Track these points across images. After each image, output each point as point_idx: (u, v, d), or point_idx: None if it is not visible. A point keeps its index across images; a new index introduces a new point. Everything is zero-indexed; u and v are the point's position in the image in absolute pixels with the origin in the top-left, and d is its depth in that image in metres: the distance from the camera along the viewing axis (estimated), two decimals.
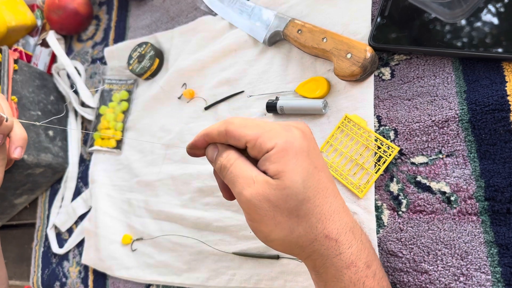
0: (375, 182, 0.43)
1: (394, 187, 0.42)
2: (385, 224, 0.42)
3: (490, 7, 0.40)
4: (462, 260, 0.37)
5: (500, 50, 0.38)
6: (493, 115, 0.38)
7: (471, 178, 0.38)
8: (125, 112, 0.69)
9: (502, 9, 0.39)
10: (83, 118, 0.75)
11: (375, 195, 0.43)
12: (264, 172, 0.32)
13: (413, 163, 0.41)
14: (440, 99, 0.41)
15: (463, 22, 0.41)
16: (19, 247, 0.78)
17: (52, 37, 0.78)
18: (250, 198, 0.31)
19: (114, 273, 0.61)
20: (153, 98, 0.65)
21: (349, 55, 0.44)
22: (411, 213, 0.41)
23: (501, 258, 0.35)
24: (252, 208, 0.32)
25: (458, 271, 0.37)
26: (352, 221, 0.34)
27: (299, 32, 0.49)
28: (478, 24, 0.40)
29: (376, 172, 0.43)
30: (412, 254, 0.40)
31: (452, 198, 0.39)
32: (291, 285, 0.46)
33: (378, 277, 0.34)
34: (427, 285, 0.38)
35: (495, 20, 0.39)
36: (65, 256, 0.71)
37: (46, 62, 0.80)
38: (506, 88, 0.38)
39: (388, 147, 0.43)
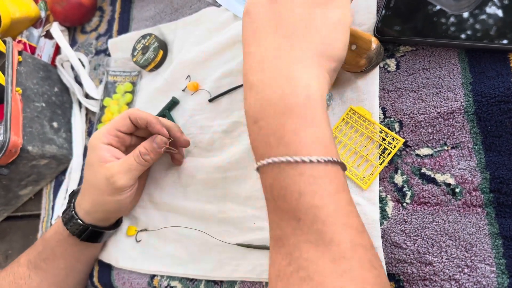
0: (380, 174, 0.43)
1: (398, 179, 0.42)
2: (389, 215, 0.42)
3: None
4: (467, 251, 0.37)
5: (506, 41, 0.38)
6: (499, 106, 0.38)
7: (476, 170, 0.38)
8: (129, 104, 0.69)
9: (508, 0, 0.39)
10: (87, 109, 0.76)
11: (379, 186, 0.43)
12: None
13: (418, 155, 0.41)
14: (445, 91, 0.41)
15: (469, 13, 0.40)
16: (24, 238, 0.79)
17: (56, 28, 0.78)
18: None
19: (119, 264, 0.61)
20: (157, 90, 0.65)
21: (353, 47, 0.44)
22: (415, 204, 0.41)
23: (505, 250, 0.36)
24: None
25: (463, 262, 0.37)
26: (253, 80, 0.36)
27: None
28: (484, 15, 0.40)
29: (380, 164, 0.43)
30: (416, 245, 0.40)
31: (457, 190, 0.39)
32: None
33: (263, 133, 0.34)
34: (431, 277, 0.38)
35: (502, 11, 0.39)
36: None
37: (50, 53, 0.80)
38: None
39: (393, 139, 0.43)
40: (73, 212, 0.55)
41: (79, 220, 0.54)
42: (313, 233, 0.30)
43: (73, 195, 0.58)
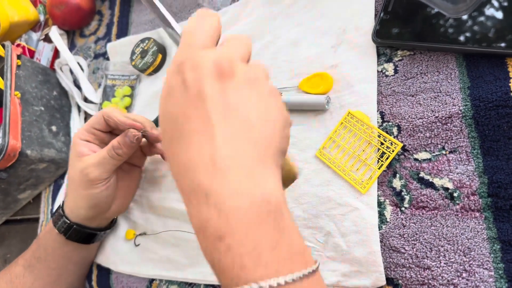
0: (378, 178, 0.43)
1: (397, 183, 0.42)
2: (388, 220, 0.42)
3: (494, 1, 0.40)
4: (465, 256, 0.37)
5: (504, 45, 0.38)
6: (496, 111, 0.38)
7: (474, 174, 0.38)
8: (128, 108, 0.69)
9: (506, 4, 0.39)
10: (86, 113, 0.76)
11: (377, 191, 0.43)
12: None
13: (416, 159, 0.41)
14: (443, 95, 0.41)
15: (467, 17, 0.41)
16: (23, 242, 0.79)
17: (54, 32, 0.78)
18: None
19: (118, 268, 0.61)
20: (156, 94, 0.65)
21: None
22: (414, 209, 0.41)
23: (504, 255, 0.36)
24: None
25: (461, 267, 0.37)
26: (210, 184, 0.27)
27: None
28: (482, 19, 0.40)
29: (379, 168, 0.43)
30: (414, 250, 0.40)
31: (455, 194, 0.39)
32: None
33: (234, 253, 0.27)
34: (430, 281, 0.38)
35: (499, 15, 0.39)
36: None
37: (49, 57, 0.80)
38: (510, 84, 0.38)
39: (391, 143, 0.43)
40: (61, 209, 0.55)
41: (64, 218, 0.54)
42: None
43: None
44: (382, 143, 0.43)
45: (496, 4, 0.40)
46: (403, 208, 0.41)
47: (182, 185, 0.29)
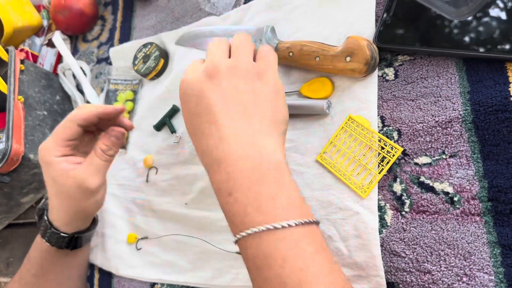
0: (379, 182, 0.43)
1: (397, 188, 0.42)
2: (388, 224, 0.42)
3: (496, 6, 0.40)
4: (465, 260, 0.37)
5: (504, 50, 0.38)
6: (496, 115, 0.38)
7: (475, 179, 0.38)
8: (130, 112, 0.69)
9: (508, 9, 0.39)
10: None
11: (378, 195, 0.43)
12: None
13: (416, 164, 0.42)
14: (443, 100, 0.41)
15: (468, 21, 0.41)
16: (26, 246, 0.79)
17: (58, 37, 0.78)
18: None
19: (119, 272, 0.61)
20: (158, 98, 0.66)
21: (348, 58, 0.44)
22: (414, 213, 0.41)
23: (504, 259, 0.36)
24: None
25: (461, 271, 0.37)
26: (220, 156, 0.36)
27: (291, 55, 0.49)
28: (483, 23, 0.40)
29: (379, 173, 0.43)
30: (415, 254, 0.40)
31: (455, 199, 0.39)
32: None
33: (240, 204, 0.34)
34: (430, 285, 0.38)
35: (501, 20, 0.39)
36: None
37: (52, 62, 0.81)
38: (509, 89, 0.38)
39: (392, 147, 0.43)
40: (53, 229, 0.53)
41: (62, 234, 0.53)
42: None
43: (43, 212, 0.57)
44: (382, 148, 0.43)
45: (498, 9, 0.40)
46: (403, 212, 0.41)
47: (205, 162, 0.38)
